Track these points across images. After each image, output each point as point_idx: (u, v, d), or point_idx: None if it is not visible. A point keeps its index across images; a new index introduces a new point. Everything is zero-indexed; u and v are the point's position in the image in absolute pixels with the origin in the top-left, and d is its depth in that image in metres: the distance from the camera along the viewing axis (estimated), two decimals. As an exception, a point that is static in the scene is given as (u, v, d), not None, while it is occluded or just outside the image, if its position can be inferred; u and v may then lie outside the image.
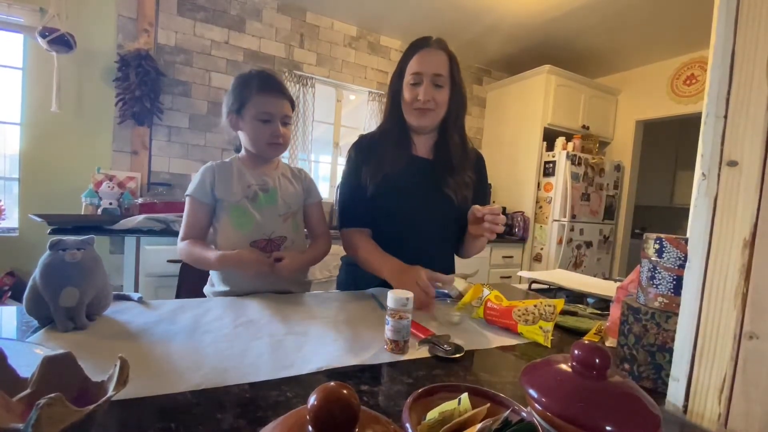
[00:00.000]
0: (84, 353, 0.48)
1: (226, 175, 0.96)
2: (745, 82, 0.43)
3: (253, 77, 0.95)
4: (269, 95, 0.94)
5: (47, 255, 0.58)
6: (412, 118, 1.03)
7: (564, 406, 0.34)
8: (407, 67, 1.01)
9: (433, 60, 0.98)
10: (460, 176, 1.06)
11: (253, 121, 0.94)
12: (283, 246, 0.98)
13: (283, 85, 0.98)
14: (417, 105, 1.00)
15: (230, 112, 0.96)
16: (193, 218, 0.95)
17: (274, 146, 0.96)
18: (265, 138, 0.95)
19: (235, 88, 0.96)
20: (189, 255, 0.92)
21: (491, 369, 0.60)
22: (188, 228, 0.94)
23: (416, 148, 1.09)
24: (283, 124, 0.96)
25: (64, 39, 2.02)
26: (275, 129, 0.94)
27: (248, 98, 0.93)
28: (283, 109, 0.96)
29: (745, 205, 0.42)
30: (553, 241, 3.12)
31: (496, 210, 0.87)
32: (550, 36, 2.99)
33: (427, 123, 1.03)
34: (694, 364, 0.46)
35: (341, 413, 0.24)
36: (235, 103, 0.95)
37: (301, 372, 0.53)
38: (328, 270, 2.39)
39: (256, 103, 0.93)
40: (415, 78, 0.99)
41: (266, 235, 0.96)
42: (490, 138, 3.76)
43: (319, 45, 2.98)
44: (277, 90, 0.95)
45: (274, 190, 0.99)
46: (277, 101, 0.95)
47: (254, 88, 0.93)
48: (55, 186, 2.25)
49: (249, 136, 0.96)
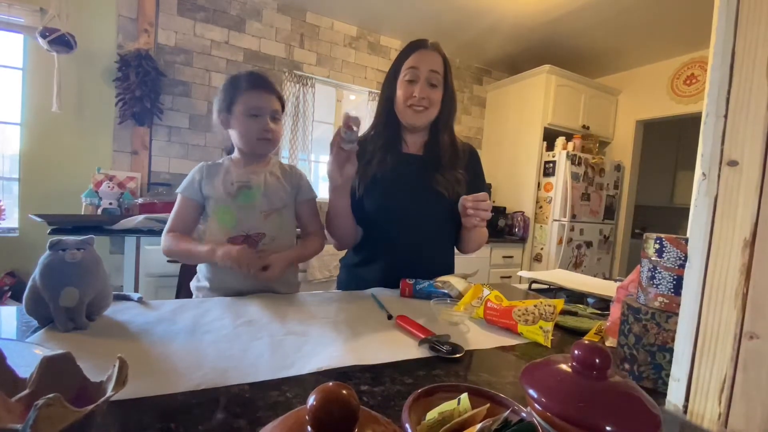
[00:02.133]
0: (84, 353, 0.48)
1: (214, 174, 0.98)
2: (745, 82, 0.43)
3: (241, 77, 0.97)
4: (257, 91, 0.95)
5: (47, 255, 0.58)
6: (407, 115, 1.04)
7: (564, 406, 0.34)
8: (403, 66, 1.02)
9: (429, 59, 1.01)
10: (451, 173, 1.07)
11: (243, 117, 0.95)
12: (261, 243, 0.98)
13: (272, 82, 0.99)
14: (412, 101, 1.01)
15: (220, 111, 0.98)
16: (180, 213, 0.97)
17: (264, 141, 0.97)
18: (255, 133, 0.96)
19: (224, 89, 0.98)
20: (175, 247, 0.93)
21: (491, 369, 0.60)
22: (174, 222, 0.97)
23: (407, 146, 1.10)
24: (273, 119, 0.98)
25: (64, 39, 2.02)
26: (265, 124, 0.96)
27: (237, 96, 0.95)
28: (271, 104, 0.97)
29: (745, 205, 0.42)
30: (553, 241, 3.12)
31: (480, 197, 0.90)
32: (550, 36, 2.99)
33: (422, 121, 1.05)
34: (694, 364, 0.46)
35: (341, 413, 0.24)
36: (224, 101, 0.96)
37: (301, 372, 0.53)
38: (328, 270, 2.40)
39: (244, 100, 0.94)
40: (412, 74, 1.00)
41: (244, 231, 0.97)
42: (490, 138, 3.76)
43: (319, 45, 2.98)
44: (265, 86, 0.97)
45: (256, 187, 0.99)
46: (266, 96, 0.96)
47: (242, 85, 0.95)
48: (55, 186, 2.25)
49: (239, 132, 0.97)
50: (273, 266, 0.91)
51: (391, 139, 1.08)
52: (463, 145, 1.15)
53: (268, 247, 0.97)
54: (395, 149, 1.08)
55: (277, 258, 0.93)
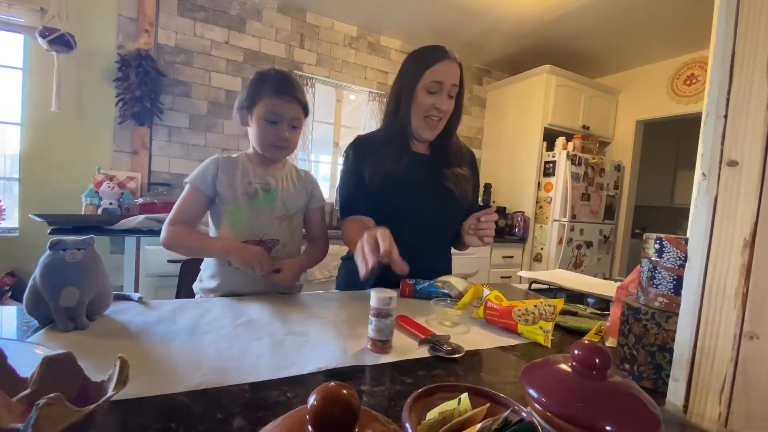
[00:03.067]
0: (84, 353, 0.48)
1: (231, 170, 0.95)
2: (745, 82, 0.43)
3: (270, 77, 0.94)
4: (280, 98, 0.92)
5: (47, 255, 0.58)
6: (422, 127, 1.05)
7: (564, 406, 0.34)
8: (427, 74, 1.00)
9: (453, 72, 1.01)
10: (458, 170, 1.09)
11: (261, 121, 0.93)
12: (275, 249, 0.97)
13: (299, 89, 0.95)
14: (432, 113, 1.02)
15: (241, 107, 0.96)
16: (187, 204, 0.93)
17: (277, 149, 0.96)
18: (270, 140, 0.94)
19: (250, 85, 0.95)
20: (185, 240, 0.90)
21: (491, 369, 0.60)
22: (180, 213, 0.92)
23: (415, 145, 1.12)
24: (292, 127, 0.95)
25: (64, 39, 2.02)
26: (281, 132, 0.93)
27: (260, 97, 0.92)
28: (292, 112, 0.94)
29: (745, 205, 0.42)
30: (554, 241, 3.12)
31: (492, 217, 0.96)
32: (550, 36, 2.99)
33: (434, 134, 1.07)
34: (694, 364, 0.46)
35: (341, 413, 0.24)
36: (247, 99, 0.94)
37: (301, 372, 0.53)
38: (328, 270, 2.40)
39: (266, 103, 0.92)
40: (436, 86, 1.00)
41: (258, 236, 0.95)
42: (490, 138, 3.76)
43: (319, 45, 2.98)
44: (290, 93, 0.93)
45: (275, 190, 0.98)
46: (288, 105, 0.93)
47: (268, 87, 0.92)
48: (55, 186, 2.25)
49: (255, 135, 0.95)
50: (285, 270, 0.91)
51: (404, 139, 1.09)
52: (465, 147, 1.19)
53: (279, 254, 0.97)
54: (406, 148, 1.09)
55: (291, 263, 0.93)
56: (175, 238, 0.90)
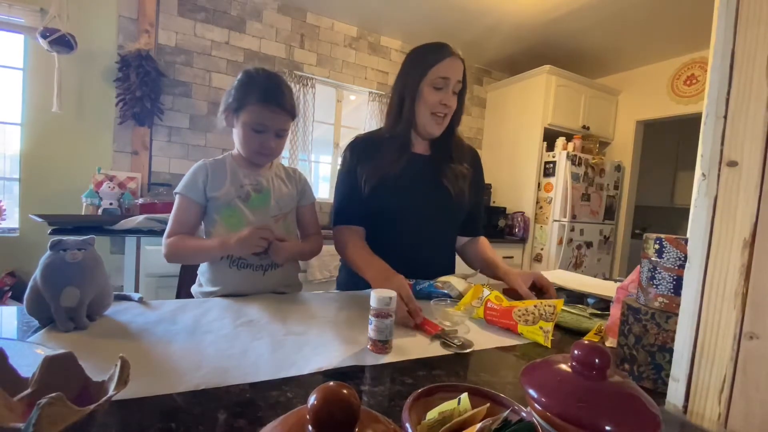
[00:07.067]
0: (84, 353, 0.48)
1: (220, 174, 0.95)
2: (745, 82, 0.43)
3: (258, 82, 0.91)
4: (267, 108, 0.90)
5: (48, 255, 0.59)
6: (429, 124, 1.04)
7: (564, 406, 0.34)
8: (433, 70, 1.00)
9: (458, 68, 1.01)
10: (456, 168, 1.09)
11: (246, 128, 0.91)
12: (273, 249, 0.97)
13: (287, 97, 0.93)
14: (439, 109, 1.01)
15: (227, 109, 0.94)
16: (182, 216, 0.92)
17: (260, 156, 0.95)
18: (255, 147, 0.93)
19: (238, 87, 0.92)
20: (183, 249, 0.90)
21: (491, 369, 0.60)
22: (177, 225, 0.92)
23: (414, 145, 1.10)
24: (277, 136, 0.94)
25: (64, 39, 2.02)
26: (266, 141, 0.92)
27: (246, 103, 0.90)
28: (279, 122, 0.92)
29: (745, 205, 0.42)
30: (554, 241, 3.12)
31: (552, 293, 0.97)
32: (550, 36, 2.99)
33: (440, 131, 1.06)
34: (694, 364, 0.46)
35: (341, 413, 0.24)
36: (233, 102, 0.92)
37: (301, 372, 0.53)
38: (328, 270, 2.40)
39: (252, 111, 0.89)
40: (443, 83, 1.00)
41: None
42: (490, 138, 3.76)
43: (319, 45, 2.98)
44: (277, 103, 0.90)
45: (267, 191, 0.98)
46: (275, 115, 0.91)
47: (255, 94, 0.89)
48: (55, 186, 2.26)
49: (240, 140, 0.94)
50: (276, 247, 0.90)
51: (405, 140, 1.08)
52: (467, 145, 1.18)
53: None
54: (406, 149, 1.08)
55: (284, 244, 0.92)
56: (174, 249, 0.90)
